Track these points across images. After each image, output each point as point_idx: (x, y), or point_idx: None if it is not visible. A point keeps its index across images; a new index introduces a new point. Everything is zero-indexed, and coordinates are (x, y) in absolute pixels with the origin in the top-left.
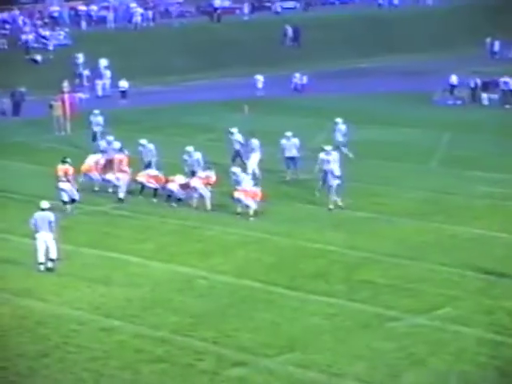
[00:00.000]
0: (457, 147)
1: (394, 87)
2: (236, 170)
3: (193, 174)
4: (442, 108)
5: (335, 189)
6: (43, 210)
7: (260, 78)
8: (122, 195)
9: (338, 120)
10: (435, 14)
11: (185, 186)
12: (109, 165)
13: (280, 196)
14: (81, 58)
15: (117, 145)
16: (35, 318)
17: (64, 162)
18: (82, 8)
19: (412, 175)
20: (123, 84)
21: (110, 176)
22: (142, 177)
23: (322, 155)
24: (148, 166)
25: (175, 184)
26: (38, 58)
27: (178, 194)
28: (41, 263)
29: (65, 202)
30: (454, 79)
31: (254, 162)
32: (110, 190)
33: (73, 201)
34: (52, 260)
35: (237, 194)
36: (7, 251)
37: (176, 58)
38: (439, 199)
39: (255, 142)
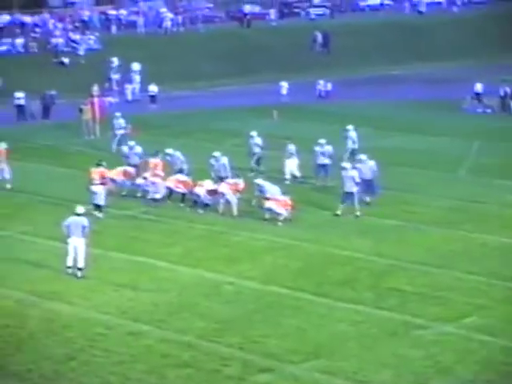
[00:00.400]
0: (486, 155)
1: (423, 95)
2: (260, 181)
3: (220, 179)
4: (472, 116)
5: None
6: (78, 215)
7: (284, 85)
8: (158, 196)
9: (349, 127)
10: (463, 21)
11: (212, 192)
12: (137, 170)
13: (308, 202)
14: (115, 61)
15: (138, 149)
16: (62, 322)
17: (99, 164)
18: (112, 12)
19: (440, 183)
20: (153, 88)
21: (139, 180)
22: (170, 182)
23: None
24: (179, 172)
25: (202, 189)
26: (66, 60)
27: (204, 199)
28: (69, 267)
29: (97, 206)
30: (478, 87)
31: (292, 166)
32: (139, 194)
33: (98, 206)
34: (80, 269)
35: (268, 204)
36: (36, 254)
37: (205, 63)
38: (468, 207)
39: (292, 147)
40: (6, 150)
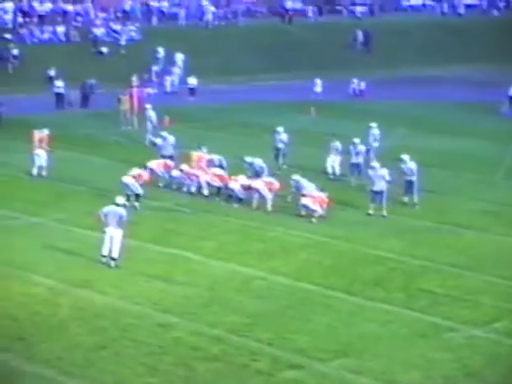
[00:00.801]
0: None
1: (461, 96)
2: (296, 177)
3: (256, 175)
4: (509, 120)
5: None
6: (117, 205)
7: (318, 82)
8: (206, 192)
9: (373, 124)
10: (503, 24)
11: (246, 187)
12: (172, 160)
13: (343, 200)
14: (161, 52)
15: (171, 140)
16: (94, 311)
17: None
18: (154, 4)
19: (475, 186)
20: (192, 81)
21: (175, 172)
22: (207, 176)
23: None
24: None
25: (237, 183)
26: (105, 50)
27: (238, 193)
28: (104, 256)
29: (135, 195)
30: None
31: (334, 162)
32: (174, 186)
33: (137, 196)
34: (113, 259)
35: (304, 200)
36: (70, 242)
37: (244, 58)
38: (502, 211)
39: (336, 143)
40: (48, 136)
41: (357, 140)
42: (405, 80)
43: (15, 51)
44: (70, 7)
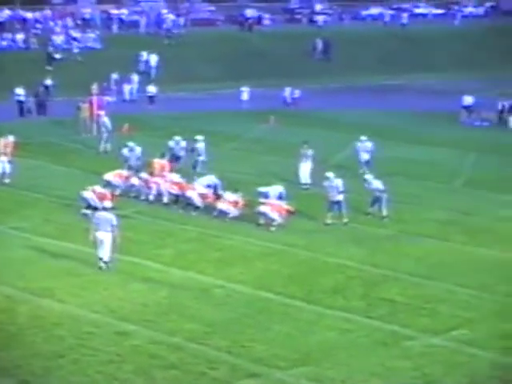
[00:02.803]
0: (482, 168)
1: (420, 105)
2: (263, 189)
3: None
4: (469, 129)
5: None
6: (105, 209)
7: (245, 90)
8: (165, 199)
9: (363, 137)
10: (464, 34)
11: (204, 196)
12: (135, 172)
13: (303, 208)
14: (144, 55)
15: (138, 150)
16: (52, 319)
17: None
18: (114, 11)
19: (436, 194)
20: (151, 89)
21: (134, 180)
22: (165, 183)
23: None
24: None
25: (194, 192)
26: (58, 56)
27: (196, 201)
28: (101, 258)
29: (90, 207)
30: (468, 100)
31: (305, 170)
32: (133, 194)
33: (94, 208)
34: (105, 262)
35: (263, 208)
36: (28, 250)
37: (204, 66)
38: (462, 220)
39: (308, 151)
40: (13, 143)
41: (363, 137)
42: (365, 89)
43: None
44: (29, 14)
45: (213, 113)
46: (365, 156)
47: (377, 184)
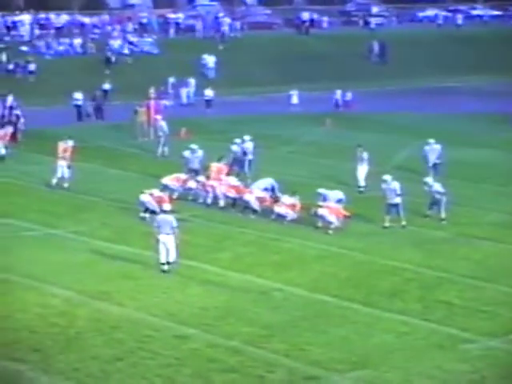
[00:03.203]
0: None
1: (475, 108)
2: (322, 190)
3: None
4: None
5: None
6: (165, 212)
7: (295, 93)
8: (222, 203)
9: (431, 140)
10: None
11: (262, 199)
12: (197, 174)
13: (360, 212)
14: (207, 58)
15: (200, 153)
16: (111, 322)
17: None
18: (171, 16)
19: (493, 197)
20: (208, 93)
21: (191, 184)
22: (222, 187)
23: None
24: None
25: (252, 195)
26: (113, 58)
27: (253, 205)
28: (163, 263)
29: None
30: None
31: (361, 173)
32: (190, 197)
33: (152, 212)
34: (169, 263)
35: (321, 211)
36: (87, 254)
37: (261, 69)
38: None
39: (363, 154)
40: (72, 147)
41: (431, 140)
42: (420, 91)
43: (32, 66)
44: (86, 19)
45: (269, 116)
46: (433, 159)
47: (437, 187)
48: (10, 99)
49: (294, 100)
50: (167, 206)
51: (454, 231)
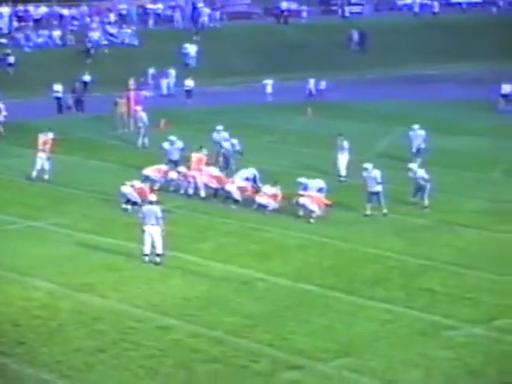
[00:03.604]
0: None
1: (457, 94)
2: (303, 180)
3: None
4: (507, 117)
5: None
6: (151, 203)
7: (269, 83)
8: (202, 193)
9: (416, 126)
10: (501, 22)
11: (243, 189)
12: (177, 165)
13: (341, 201)
14: (189, 47)
15: (179, 144)
16: (93, 314)
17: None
18: (150, 6)
19: (475, 184)
20: (189, 83)
21: (172, 174)
22: (203, 177)
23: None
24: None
25: (233, 186)
26: (92, 50)
27: (235, 195)
28: (146, 255)
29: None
30: (506, 88)
31: (342, 162)
32: (172, 188)
33: (134, 203)
34: (158, 255)
35: (302, 200)
36: (69, 246)
37: (241, 59)
38: (502, 209)
39: (344, 142)
40: (52, 139)
41: (416, 126)
42: (401, 79)
43: (11, 58)
44: (65, 11)
45: (249, 106)
46: (417, 144)
47: (421, 173)
48: None
49: (269, 89)
50: (153, 197)
51: (436, 219)
